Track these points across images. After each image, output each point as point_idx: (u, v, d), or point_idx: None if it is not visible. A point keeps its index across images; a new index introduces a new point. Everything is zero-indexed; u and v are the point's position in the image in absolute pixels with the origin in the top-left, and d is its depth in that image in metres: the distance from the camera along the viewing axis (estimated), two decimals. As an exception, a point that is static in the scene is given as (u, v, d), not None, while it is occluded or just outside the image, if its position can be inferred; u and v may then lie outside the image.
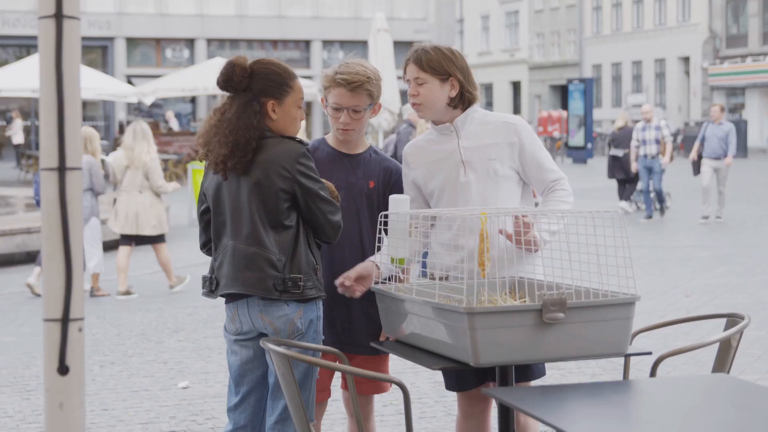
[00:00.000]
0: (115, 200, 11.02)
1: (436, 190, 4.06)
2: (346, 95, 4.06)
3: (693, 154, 17.56)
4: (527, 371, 4.01)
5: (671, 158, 17.47)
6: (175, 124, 32.89)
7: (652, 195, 17.68)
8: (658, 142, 17.22)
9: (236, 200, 3.78)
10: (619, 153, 18.36)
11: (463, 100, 4.02)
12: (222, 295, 3.87)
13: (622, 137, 18.44)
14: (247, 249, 3.74)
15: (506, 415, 3.49)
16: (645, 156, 17.29)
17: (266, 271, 3.72)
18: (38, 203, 11.22)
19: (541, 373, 4.09)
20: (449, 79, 3.97)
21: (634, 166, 17.53)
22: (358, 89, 4.05)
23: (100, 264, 10.86)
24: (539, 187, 4.07)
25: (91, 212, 10.64)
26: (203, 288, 3.92)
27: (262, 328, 3.80)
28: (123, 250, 10.90)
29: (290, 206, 3.74)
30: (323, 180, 3.85)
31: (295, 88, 3.81)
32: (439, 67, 3.95)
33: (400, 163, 4.23)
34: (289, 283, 3.72)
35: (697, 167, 17.54)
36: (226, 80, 3.76)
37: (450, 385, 4.14)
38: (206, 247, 3.98)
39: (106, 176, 11.55)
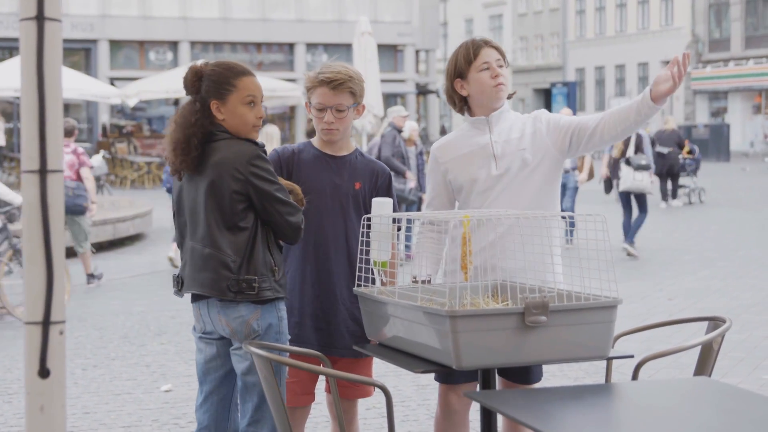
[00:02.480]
0: None
1: (467, 183, 4.08)
2: (329, 94, 4.10)
3: (603, 170, 15.18)
4: (528, 375, 4.04)
5: (590, 175, 14.06)
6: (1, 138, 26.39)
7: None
8: None
9: (193, 201, 3.79)
10: (665, 150, 20.29)
11: None
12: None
13: (666, 137, 20.70)
14: (203, 250, 3.75)
15: (488, 418, 3.49)
16: None
17: (220, 272, 3.71)
18: (169, 190, 11.61)
19: (539, 376, 4.13)
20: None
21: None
22: (340, 87, 4.10)
23: None
24: (590, 124, 3.97)
25: None
26: (174, 287, 3.94)
27: (221, 330, 3.80)
28: None
29: (246, 208, 3.72)
30: (287, 182, 3.86)
31: (240, 86, 3.75)
32: (503, 54, 4.11)
33: (386, 165, 4.25)
34: (243, 284, 3.70)
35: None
36: (184, 85, 3.82)
37: (439, 377, 4.16)
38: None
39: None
